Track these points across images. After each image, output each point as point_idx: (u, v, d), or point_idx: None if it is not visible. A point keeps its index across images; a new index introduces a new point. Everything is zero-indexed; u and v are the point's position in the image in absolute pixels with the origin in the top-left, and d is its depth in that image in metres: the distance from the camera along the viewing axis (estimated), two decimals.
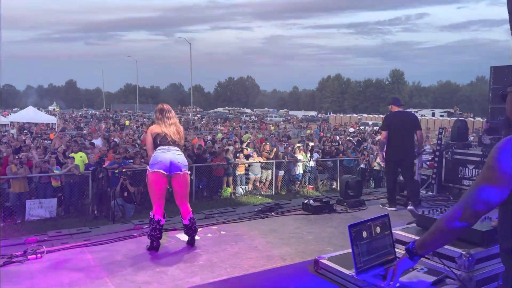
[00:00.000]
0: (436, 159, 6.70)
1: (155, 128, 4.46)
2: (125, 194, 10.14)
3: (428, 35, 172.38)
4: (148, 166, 4.34)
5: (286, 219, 5.59)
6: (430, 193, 6.75)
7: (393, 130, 5.98)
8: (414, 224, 2.83)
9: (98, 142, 15.34)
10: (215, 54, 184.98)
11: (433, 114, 64.52)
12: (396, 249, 2.26)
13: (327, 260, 2.95)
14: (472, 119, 50.04)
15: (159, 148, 4.35)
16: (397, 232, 2.65)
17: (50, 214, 10.08)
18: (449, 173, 7.00)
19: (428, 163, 6.91)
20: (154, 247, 4.21)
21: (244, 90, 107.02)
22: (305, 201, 5.95)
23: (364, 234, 1.90)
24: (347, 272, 2.51)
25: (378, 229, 1.91)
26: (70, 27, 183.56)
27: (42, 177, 10.17)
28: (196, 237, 4.70)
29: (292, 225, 5.25)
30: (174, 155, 4.35)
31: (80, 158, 11.43)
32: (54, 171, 10.28)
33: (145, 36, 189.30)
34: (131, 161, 11.51)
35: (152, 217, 4.26)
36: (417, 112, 68.85)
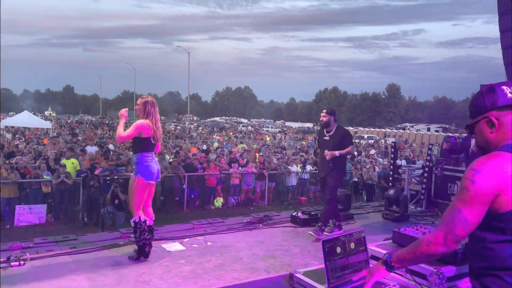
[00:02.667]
0: (426, 174, 6.74)
1: (147, 129, 4.22)
2: (116, 201, 10.09)
3: (424, 51, 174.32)
4: (138, 173, 4.21)
5: (274, 231, 5.58)
6: (419, 208, 6.77)
7: None
8: (390, 241, 2.83)
9: (92, 149, 15.30)
10: (213, 64, 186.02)
11: (428, 129, 64.91)
12: (370, 265, 2.26)
13: (302, 274, 2.94)
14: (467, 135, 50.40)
15: (148, 155, 4.26)
16: (373, 248, 2.66)
17: (39, 220, 10.00)
18: (438, 189, 7.03)
19: (418, 178, 6.95)
20: (145, 253, 4.17)
21: (241, 100, 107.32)
22: (294, 214, 5.95)
23: (338, 249, 1.89)
24: (320, 287, 2.50)
25: (352, 245, 1.91)
26: (69, 33, 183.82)
27: (33, 183, 10.11)
28: (181, 248, 4.70)
29: (280, 238, 5.25)
30: (157, 161, 4.41)
31: (72, 164, 11.39)
32: (45, 176, 10.22)
33: (144, 43, 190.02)
34: (124, 168, 11.47)
35: (137, 220, 4.18)
36: (412, 126, 69.41)
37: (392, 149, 6.76)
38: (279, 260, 4.37)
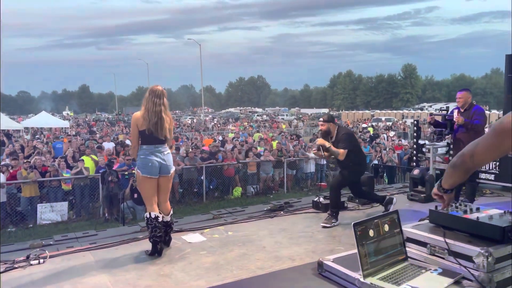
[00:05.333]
0: (451, 152, 6.44)
1: (141, 120, 3.99)
2: (135, 196, 10.07)
3: (438, 29, 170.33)
4: (136, 167, 4.09)
5: (296, 218, 5.43)
6: None
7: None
8: (427, 221, 2.61)
9: (109, 145, 15.36)
10: (224, 55, 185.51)
11: (447, 108, 63.54)
12: (407, 248, 2.01)
13: (332, 261, 2.76)
14: (488, 112, 49.18)
15: (146, 148, 4.03)
16: (408, 229, 2.43)
17: (62, 218, 10.09)
18: None
19: (442, 156, 6.66)
20: (157, 250, 4.01)
21: (255, 90, 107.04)
22: (315, 199, 5.77)
23: (371, 233, 1.71)
24: (353, 274, 2.32)
25: (386, 227, 1.72)
26: (81, 33, 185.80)
27: (53, 181, 10.17)
28: (202, 238, 4.58)
29: (302, 224, 5.08)
30: (162, 155, 4.09)
31: (91, 160, 11.43)
32: (64, 174, 10.27)
33: (155, 39, 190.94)
34: None
35: (148, 216, 4.03)
36: (430, 106, 68.00)
37: (415, 128, 6.48)
38: (304, 247, 4.21)
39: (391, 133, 20.32)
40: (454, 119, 5.44)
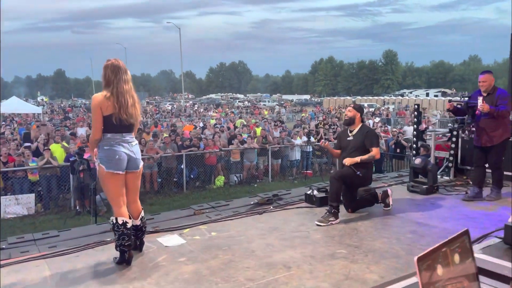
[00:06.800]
0: (454, 139, 5.94)
1: (106, 103, 3.20)
2: None
3: (417, 15, 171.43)
4: (98, 161, 3.32)
5: (287, 214, 4.82)
6: (446, 178, 6.02)
7: None
8: (498, 241, 1.92)
9: (83, 130, 14.47)
10: (205, 40, 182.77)
11: (427, 95, 64.01)
12: (480, 282, 1.33)
13: None
14: (458, 98, 49.53)
15: (111, 137, 3.28)
16: (480, 257, 1.74)
17: (28, 211, 9.26)
18: (466, 154, 6.26)
19: (444, 144, 6.18)
20: (125, 259, 3.33)
21: (236, 76, 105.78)
22: (308, 192, 5.18)
23: (440, 270, 1.12)
24: None
25: (457, 258, 1.15)
26: (56, 16, 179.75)
27: (17, 171, 9.31)
28: (181, 241, 3.93)
29: (295, 222, 4.49)
30: (130, 147, 3.36)
31: (60, 148, 10.59)
32: (30, 164, 9.42)
33: (133, 23, 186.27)
34: None
35: (114, 222, 3.32)
36: (411, 92, 68.37)
37: (415, 113, 5.94)
38: (300, 251, 3.62)
39: (376, 119, 19.93)
40: (479, 107, 4.86)
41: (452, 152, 5.99)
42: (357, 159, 4.50)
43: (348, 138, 4.73)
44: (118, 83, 3.25)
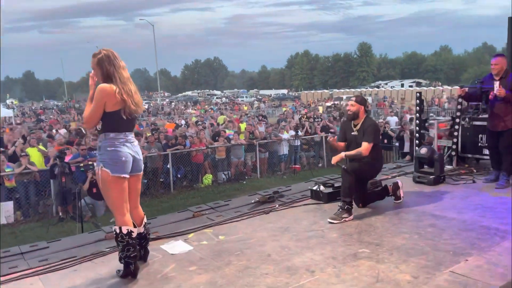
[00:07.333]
0: (457, 127, 5.80)
1: (114, 98, 2.83)
2: (94, 190, 8.86)
3: (388, 8, 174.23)
4: (101, 164, 2.92)
5: (295, 212, 4.55)
6: (449, 167, 5.87)
7: None
8: None
9: (60, 134, 13.83)
10: (178, 37, 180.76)
11: (402, 85, 64.98)
12: None
13: None
14: (440, 87, 50.60)
15: (115, 136, 2.93)
16: None
17: (7, 220, 8.71)
18: (466, 142, 6.13)
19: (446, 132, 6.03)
20: (131, 272, 2.99)
21: (212, 72, 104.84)
22: (314, 188, 4.92)
23: None
24: None
25: None
26: (22, 16, 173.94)
27: None
28: (187, 247, 3.61)
29: (306, 220, 4.22)
30: (133, 147, 3.03)
31: (37, 152, 10.02)
32: (6, 170, 8.84)
33: (103, 21, 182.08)
34: None
35: (118, 232, 2.96)
36: (386, 84, 69.29)
37: (418, 101, 5.76)
38: (319, 252, 3.36)
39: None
40: (495, 92, 4.71)
41: (455, 140, 5.85)
42: (342, 154, 4.33)
43: (353, 133, 4.47)
44: (118, 72, 2.91)
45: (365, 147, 4.24)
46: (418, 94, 5.84)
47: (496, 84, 4.71)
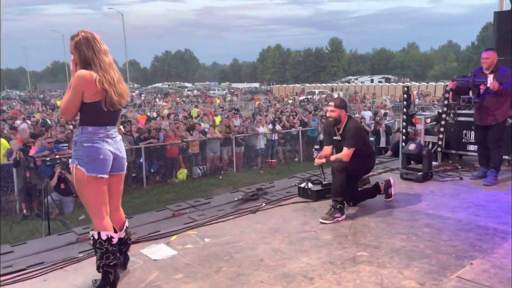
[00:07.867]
0: (443, 122, 5.70)
1: (95, 88, 2.46)
2: (62, 186, 8.34)
3: (357, 4, 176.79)
4: (75, 162, 2.56)
5: (284, 211, 4.30)
6: (435, 163, 5.78)
7: None
8: None
9: (24, 126, 13.05)
10: (148, 28, 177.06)
11: (371, 81, 66.03)
12: None
13: None
14: (408, 83, 51.69)
15: (94, 131, 2.56)
16: None
17: None
18: (451, 138, 6.08)
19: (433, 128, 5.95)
20: (109, 282, 2.64)
21: (183, 64, 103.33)
22: (302, 185, 4.69)
23: None
24: None
25: None
26: None
27: None
28: (171, 252, 3.30)
29: (296, 220, 3.98)
30: (115, 143, 2.67)
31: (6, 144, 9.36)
32: None
33: (69, 9, 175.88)
34: (66, 145, 9.63)
35: (96, 237, 2.61)
36: (356, 79, 70.18)
37: (405, 95, 5.62)
38: (315, 256, 3.12)
39: None
40: (489, 85, 4.61)
41: (441, 136, 5.76)
42: (323, 159, 4.23)
43: (335, 137, 4.24)
44: (98, 57, 2.52)
45: (345, 153, 4.01)
46: (405, 88, 5.70)
47: (490, 77, 4.62)
